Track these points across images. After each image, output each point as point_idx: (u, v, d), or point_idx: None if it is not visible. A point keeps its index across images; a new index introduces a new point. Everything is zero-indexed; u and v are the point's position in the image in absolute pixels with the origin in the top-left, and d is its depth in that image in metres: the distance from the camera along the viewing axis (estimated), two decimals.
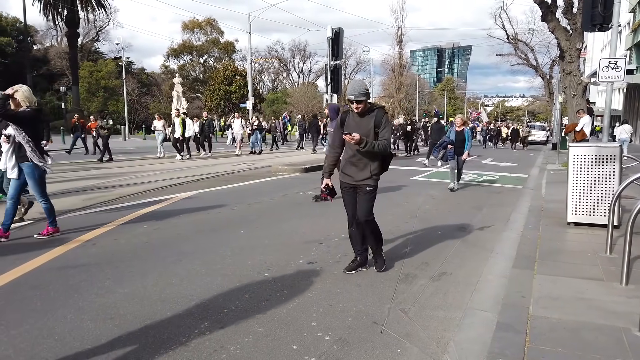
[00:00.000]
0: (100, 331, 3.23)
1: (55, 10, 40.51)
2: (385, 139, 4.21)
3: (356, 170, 4.31)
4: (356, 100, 4.11)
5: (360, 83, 4.18)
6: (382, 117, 4.24)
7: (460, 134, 10.02)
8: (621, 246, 4.19)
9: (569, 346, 2.87)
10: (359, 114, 4.25)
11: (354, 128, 4.20)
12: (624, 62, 10.20)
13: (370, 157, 4.26)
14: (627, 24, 35.95)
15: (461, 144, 10.01)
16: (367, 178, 4.29)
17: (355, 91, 4.10)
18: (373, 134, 4.21)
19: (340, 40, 16.73)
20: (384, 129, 4.23)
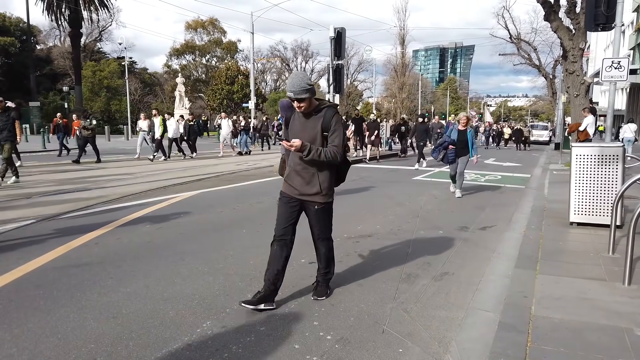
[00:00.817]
0: (102, 330, 3.24)
1: (59, 10, 40.58)
2: (335, 145, 3.53)
3: (302, 182, 3.63)
4: (296, 98, 3.42)
5: (300, 77, 3.45)
6: (331, 118, 3.55)
7: (463, 133, 9.23)
8: (624, 246, 4.18)
9: (571, 346, 2.86)
10: (304, 114, 3.60)
11: (299, 131, 3.60)
12: (627, 61, 10.16)
13: (318, 167, 3.59)
14: (630, 23, 35.86)
15: (464, 144, 9.24)
16: (316, 194, 3.62)
17: (294, 87, 3.39)
18: (321, 139, 3.55)
19: (342, 40, 16.72)
20: (334, 133, 3.55)
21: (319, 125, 3.56)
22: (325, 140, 3.57)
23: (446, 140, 9.35)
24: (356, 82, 72.49)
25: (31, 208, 7.52)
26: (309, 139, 3.52)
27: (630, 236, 3.84)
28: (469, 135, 9.30)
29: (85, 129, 15.68)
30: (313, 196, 3.63)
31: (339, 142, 3.56)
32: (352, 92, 67.55)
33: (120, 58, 52.99)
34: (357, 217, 7.21)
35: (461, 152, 9.32)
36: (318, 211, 3.70)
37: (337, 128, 3.57)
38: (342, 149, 3.58)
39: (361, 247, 5.49)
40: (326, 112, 3.58)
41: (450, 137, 9.27)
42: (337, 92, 17.41)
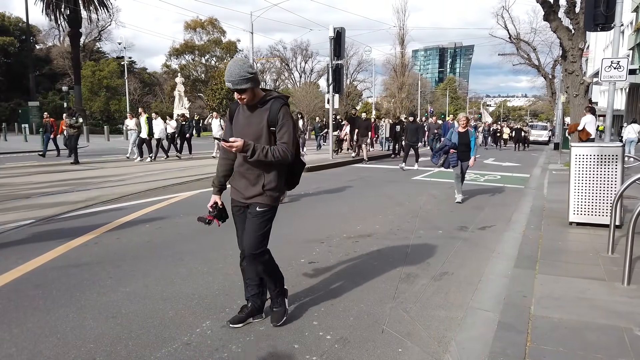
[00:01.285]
0: (102, 330, 3.24)
1: (58, 10, 40.60)
2: (284, 142, 3.05)
3: (246, 184, 3.20)
4: (236, 89, 2.97)
5: (239, 64, 2.97)
6: (277, 110, 3.07)
7: (464, 135, 8.62)
8: (623, 246, 4.18)
9: (571, 346, 2.86)
10: (248, 108, 3.14)
11: (243, 126, 3.15)
12: (627, 61, 10.18)
13: (264, 167, 3.12)
14: (629, 23, 35.89)
15: (466, 147, 8.62)
16: (257, 195, 3.16)
17: (232, 75, 2.93)
18: (267, 135, 3.09)
19: (342, 40, 16.74)
20: (282, 128, 3.08)
21: (264, 120, 3.09)
22: (274, 137, 3.11)
23: (447, 145, 8.67)
24: (355, 82, 72.44)
25: (30, 208, 7.52)
26: (254, 136, 3.08)
27: (630, 236, 3.84)
28: (471, 137, 8.73)
29: (72, 127, 15.16)
30: (256, 197, 3.17)
31: (289, 139, 3.08)
32: (352, 92, 67.52)
33: (120, 58, 53.00)
34: (356, 216, 7.21)
35: (463, 156, 8.69)
36: (257, 215, 3.18)
37: (286, 122, 3.09)
38: (293, 146, 3.10)
39: (360, 246, 5.49)
40: (272, 104, 3.10)
41: (451, 140, 8.63)
42: (336, 92, 17.43)
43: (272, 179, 3.16)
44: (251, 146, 2.96)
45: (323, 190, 10.00)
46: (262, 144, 3.05)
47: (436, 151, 8.98)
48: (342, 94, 22.16)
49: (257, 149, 2.98)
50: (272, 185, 3.17)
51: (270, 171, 3.15)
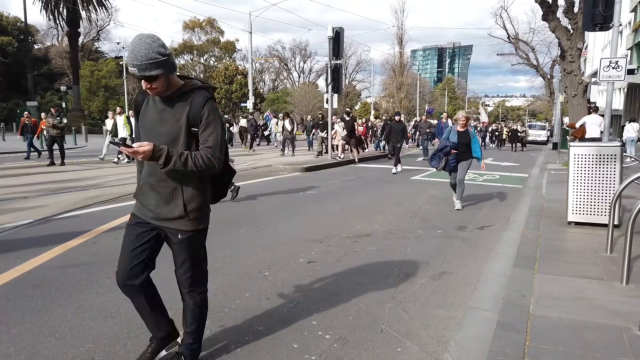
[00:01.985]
0: (100, 329, 3.23)
1: (56, 10, 40.53)
2: (209, 146, 2.38)
3: (158, 200, 2.49)
4: (142, 76, 2.25)
5: (146, 43, 2.23)
6: (200, 106, 2.38)
7: (464, 135, 7.96)
8: (622, 246, 4.19)
9: (570, 345, 2.87)
10: (163, 100, 2.42)
11: (154, 124, 2.44)
12: (625, 61, 10.20)
13: (182, 179, 2.45)
14: (628, 23, 35.94)
15: (466, 147, 7.94)
16: (178, 217, 2.48)
17: (137, 58, 2.21)
18: (186, 138, 2.40)
19: (340, 40, 16.74)
20: (207, 129, 2.39)
21: (183, 117, 2.38)
22: (195, 140, 2.41)
23: (447, 145, 7.89)
24: (354, 82, 72.51)
25: (28, 208, 7.50)
26: (169, 137, 2.39)
27: (628, 235, 3.85)
28: (472, 136, 8.06)
29: (55, 127, 14.14)
30: (174, 221, 2.49)
31: (216, 143, 2.39)
32: (351, 92, 67.56)
33: (118, 57, 52.90)
34: (355, 216, 7.21)
35: (463, 157, 8.01)
36: (183, 243, 2.55)
37: (212, 121, 2.39)
38: (221, 151, 2.43)
39: (359, 246, 5.49)
40: (194, 97, 2.40)
41: (450, 140, 7.93)
42: (335, 91, 17.44)
43: (193, 195, 2.47)
44: (164, 152, 2.28)
45: (321, 190, 10.00)
46: (179, 148, 2.38)
47: (435, 153, 8.15)
48: (341, 94, 22.15)
49: (172, 156, 2.30)
50: (195, 204, 2.48)
51: (191, 184, 2.46)
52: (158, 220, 2.52)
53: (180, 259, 2.65)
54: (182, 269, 2.68)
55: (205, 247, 2.72)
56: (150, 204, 2.51)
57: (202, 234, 2.63)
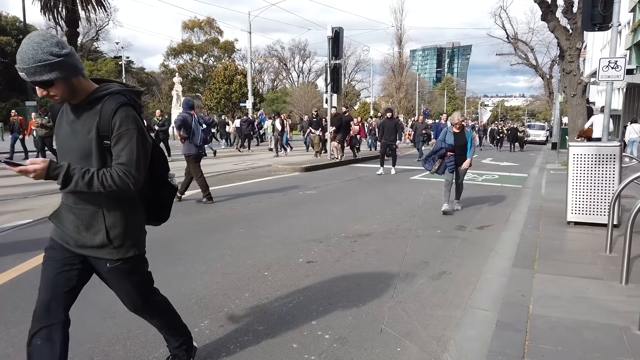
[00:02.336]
0: (100, 329, 3.23)
1: (55, 10, 40.43)
2: (121, 162, 2.00)
3: (77, 224, 2.13)
4: (32, 81, 1.90)
5: (35, 43, 1.87)
6: (111, 114, 2.00)
7: (460, 136, 7.58)
8: (621, 245, 4.19)
9: (569, 345, 2.87)
10: (73, 109, 2.07)
11: (66, 138, 2.09)
12: (624, 61, 10.20)
13: (100, 200, 2.09)
14: (627, 23, 35.97)
15: (462, 149, 7.59)
16: (101, 246, 2.13)
17: (24, 61, 1.87)
18: (99, 152, 2.04)
19: (340, 40, 16.73)
20: (120, 142, 2.00)
21: (93, 128, 2.02)
22: (110, 154, 2.04)
23: (443, 147, 7.55)
24: (354, 82, 72.57)
25: (28, 208, 7.50)
26: (81, 153, 2.04)
27: (628, 235, 3.85)
28: (468, 137, 7.67)
29: (43, 127, 13.76)
30: (97, 250, 2.14)
31: (130, 158, 2.00)
32: (350, 92, 67.59)
33: (117, 57, 52.91)
34: (354, 216, 7.21)
35: (460, 159, 7.61)
36: (112, 272, 2.21)
37: (125, 132, 2.00)
38: (138, 168, 2.03)
39: (359, 246, 5.49)
40: (105, 104, 2.02)
41: (446, 142, 7.55)
42: (335, 91, 17.42)
43: (117, 219, 2.11)
44: (62, 170, 1.93)
45: (321, 189, 9.99)
46: (93, 165, 2.02)
47: (429, 155, 7.79)
48: (340, 94, 22.11)
49: (73, 175, 1.94)
50: (120, 229, 2.12)
51: (114, 206, 2.10)
52: (78, 247, 2.15)
53: (115, 289, 2.33)
54: (120, 296, 2.37)
55: (145, 272, 2.37)
56: (69, 229, 2.14)
57: (136, 261, 2.24)
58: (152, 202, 2.34)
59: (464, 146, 7.61)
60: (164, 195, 2.39)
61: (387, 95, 67.05)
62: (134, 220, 2.20)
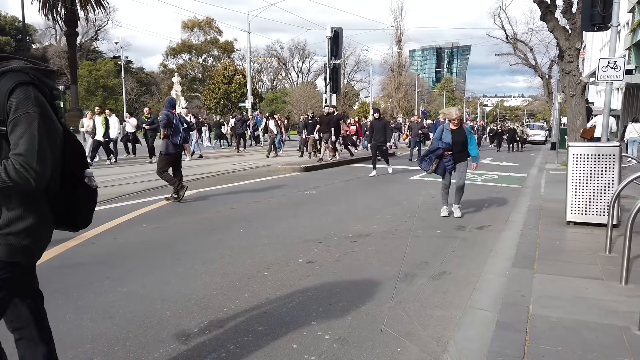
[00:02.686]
0: (99, 330, 3.22)
1: (54, 10, 40.42)
2: (18, 153, 1.68)
3: None
4: None
5: None
6: (6, 95, 1.69)
7: (458, 133, 7.05)
8: (620, 245, 4.18)
9: (569, 345, 2.86)
10: None
11: None
12: (623, 61, 10.21)
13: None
14: (626, 23, 36.01)
15: (462, 147, 7.05)
16: None
17: None
18: None
19: (339, 40, 16.75)
20: (17, 129, 1.69)
21: None
22: (6, 142, 1.73)
23: (439, 147, 7.01)
24: (353, 82, 72.54)
25: None
26: None
27: (627, 235, 3.85)
28: (468, 134, 7.15)
29: None
30: None
31: (29, 148, 1.68)
32: (349, 92, 67.60)
33: (117, 57, 52.87)
34: (354, 216, 7.21)
35: (459, 158, 7.14)
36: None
37: (23, 117, 1.70)
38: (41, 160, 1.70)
39: (359, 246, 5.49)
40: (1, 83, 1.71)
41: (443, 140, 7.03)
42: (334, 91, 17.43)
43: (18, 214, 1.80)
44: None
45: (320, 190, 9.99)
46: None
47: (425, 155, 7.31)
48: (339, 94, 22.12)
49: None
50: (18, 227, 1.81)
51: (13, 201, 1.79)
52: None
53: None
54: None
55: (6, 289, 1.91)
56: None
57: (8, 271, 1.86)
58: (63, 203, 1.97)
59: (463, 144, 7.08)
60: (78, 196, 2.00)
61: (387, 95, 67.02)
62: (34, 220, 1.85)
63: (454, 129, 7.11)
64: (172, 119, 8.14)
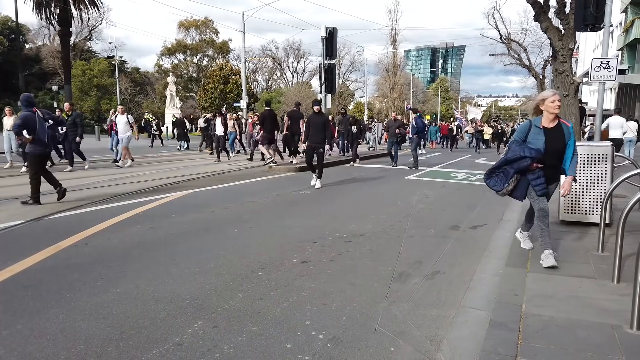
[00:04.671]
0: (92, 331, 3.21)
1: (48, 9, 40.13)
2: None
3: None
4: None
5: None
6: None
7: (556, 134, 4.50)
8: (613, 244, 4.21)
9: (562, 343, 2.88)
10: None
11: None
12: (616, 61, 10.28)
13: None
14: (618, 24, 36.25)
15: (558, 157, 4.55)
16: None
17: None
18: None
19: (334, 40, 16.74)
20: None
21: None
22: None
23: (525, 156, 4.43)
24: (348, 82, 72.60)
25: (20, 209, 7.44)
26: None
27: (619, 234, 3.88)
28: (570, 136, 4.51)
29: None
30: None
31: None
32: (344, 92, 67.64)
33: (111, 57, 52.62)
34: (348, 216, 7.21)
35: (552, 175, 4.65)
36: None
37: None
38: None
39: (353, 246, 5.50)
40: None
41: (532, 145, 4.49)
42: (329, 91, 17.43)
43: None
44: None
45: (315, 190, 9.98)
46: None
47: (497, 167, 4.73)
48: (334, 94, 22.10)
49: None
50: None
51: None
52: None
53: None
54: None
55: None
56: None
57: None
58: None
59: (561, 152, 4.50)
60: None
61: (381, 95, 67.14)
62: None
63: (549, 127, 4.52)
64: (33, 119, 7.61)
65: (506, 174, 4.67)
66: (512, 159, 4.56)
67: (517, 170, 4.55)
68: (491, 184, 4.88)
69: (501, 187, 4.75)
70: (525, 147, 4.50)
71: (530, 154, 4.43)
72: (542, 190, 4.54)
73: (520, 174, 4.60)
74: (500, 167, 4.72)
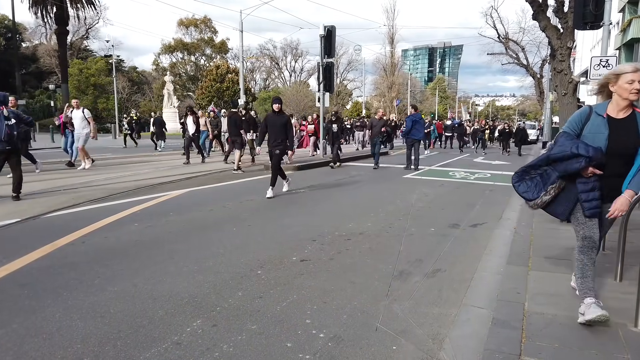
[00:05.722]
0: (89, 330, 3.16)
1: (44, 8, 40.02)
2: None
3: None
4: None
5: None
6: None
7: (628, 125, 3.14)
8: (615, 243, 4.19)
9: (566, 342, 2.85)
10: None
11: None
12: (615, 60, 10.27)
13: None
14: (616, 23, 36.31)
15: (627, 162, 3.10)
16: None
17: None
18: None
19: (332, 38, 16.70)
20: None
21: None
22: None
23: (581, 156, 3.09)
24: (346, 81, 72.59)
25: (17, 207, 7.38)
26: None
27: (621, 233, 3.85)
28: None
29: None
30: None
31: None
32: (342, 91, 67.62)
33: (108, 56, 52.49)
34: (348, 215, 7.18)
35: (614, 186, 3.17)
36: None
37: None
38: None
39: (353, 244, 5.46)
40: None
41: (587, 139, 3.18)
42: (327, 90, 17.39)
43: None
44: None
45: (314, 189, 9.95)
46: None
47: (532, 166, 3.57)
48: (332, 93, 22.05)
49: None
50: None
51: None
52: None
53: None
54: None
55: None
56: None
57: None
58: None
59: (631, 155, 3.11)
60: None
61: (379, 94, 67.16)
62: None
63: (619, 117, 3.19)
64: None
65: (545, 177, 3.36)
66: (559, 156, 3.21)
67: (562, 173, 3.23)
68: (521, 189, 3.53)
69: (535, 194, 3.39)
70: (580, 143, 3.14)
71: (587, 153, 3.06)
72: (594, 210, 3.17)
73: (567, 180, 3.26)
74: (539, 166, 3.44)
